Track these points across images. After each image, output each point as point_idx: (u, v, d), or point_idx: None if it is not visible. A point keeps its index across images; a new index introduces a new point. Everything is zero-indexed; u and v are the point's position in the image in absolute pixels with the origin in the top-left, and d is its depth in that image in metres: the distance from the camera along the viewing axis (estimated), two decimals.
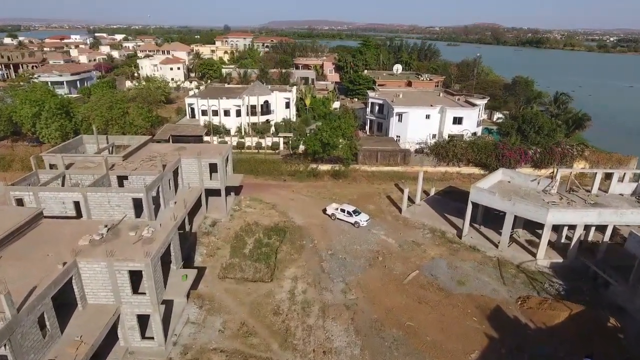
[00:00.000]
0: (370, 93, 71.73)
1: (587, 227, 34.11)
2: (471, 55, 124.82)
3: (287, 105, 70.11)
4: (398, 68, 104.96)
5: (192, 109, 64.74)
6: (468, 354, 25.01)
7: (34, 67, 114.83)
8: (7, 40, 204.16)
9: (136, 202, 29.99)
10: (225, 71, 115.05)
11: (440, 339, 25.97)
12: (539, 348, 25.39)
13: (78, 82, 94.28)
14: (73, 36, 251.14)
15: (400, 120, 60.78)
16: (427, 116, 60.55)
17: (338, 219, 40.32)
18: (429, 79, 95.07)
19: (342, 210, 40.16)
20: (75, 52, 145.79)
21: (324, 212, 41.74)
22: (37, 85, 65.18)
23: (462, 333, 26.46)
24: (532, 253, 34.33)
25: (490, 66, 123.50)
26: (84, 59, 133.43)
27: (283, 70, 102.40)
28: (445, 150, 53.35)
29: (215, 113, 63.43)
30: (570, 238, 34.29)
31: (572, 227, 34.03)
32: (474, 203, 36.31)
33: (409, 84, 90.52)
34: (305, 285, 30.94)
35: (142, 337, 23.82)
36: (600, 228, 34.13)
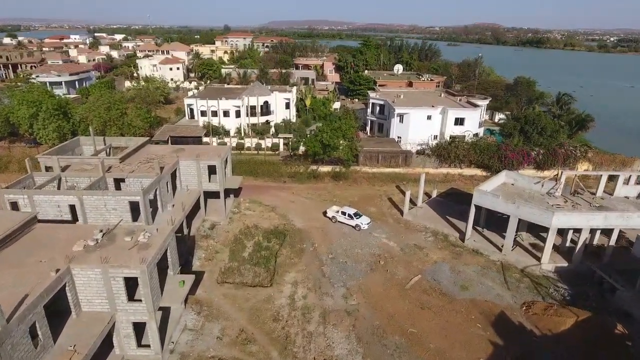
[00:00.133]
0: (370, 93, 71.13)
1: (592, 231, 33.50)
2: (472, 55, 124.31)
3: (287, 106, 69.58)
4: (399, 68, 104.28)
5: (191, 110, 64.17)
6: None
7: (32, 67, 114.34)
8: (6, 40, 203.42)
9: (133, 206, 29.35)
10: (225, 71, 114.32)
11: (444, 346, 25.34)
12: (544, 356, 24.80)
13: (77, 83, 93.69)
14: (73, 36, 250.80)
15: (402, 121, 60.19)
16: (429, 117, 60.01)
17: (339, 221, 39.71)
18: (430, 80, 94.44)
19: (343, 213, 39.54)
20: (74, 52, 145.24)
21: (325, 214, 41.13)
22: (34, 86, 64.55)
23: (466, 340, 25.85)
24: (537, 257, 33.69)
25: (492, 66, 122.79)
26: (83, 59, 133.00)
27: (283, 71, 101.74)
28: (447, 152, 52.70)
29: (215, 114, 62.87)
30: (575, 242, 33.70)
31: (577, 231, 33.48)
32: (476, 206, 35.73)
33: (410, 85, 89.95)
34: (306, 290, 30.31)
35: (138, 345, 23.20)
36: (606, 231, 33.53)
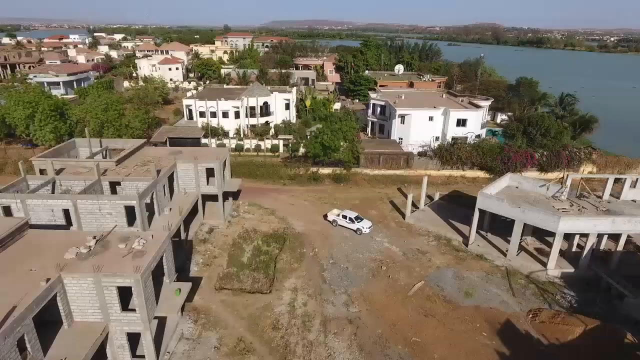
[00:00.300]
0: (371, 94, 70.43)
1: (599, 235, 32.69)
2: (473, 55, 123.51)
3: (287, 107, 68.83)
4: (400, 68, 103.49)
5: (190, 111, 63.40)
6: None
7: (30, 67, 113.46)
8: (5, 40, 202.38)
9: (129, 210, 28.61)
10: (224, 71, 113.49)
11: (448, 356, 24.55)
12: None
13: (75, 83, 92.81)
14: (72, 36, 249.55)
15: (403, 122, 59.46)
16: (430, 118, 59.28)
17: (339, 225, 38.94)
18: (431, 80, 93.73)
19: (344, 217, 38.74)
20: (73, 52, 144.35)
21: (325, 218, 40.34)
22: (30, 86, 63.76)
23: (472, 350, 25.06)
24: (542, 262, 32.91)
25: (493, 66, 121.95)
26: (82, 59, 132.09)
27: (283, 71, 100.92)
28: (449, 153, 51.84)
29: (214, 115, 62.13)
30: (581, 246, 32.93)
31: (583, 235, 32.69)
32: (480, 210, 34.96)
33: (411, 85, 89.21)
34: (306, 297, 29.53)
35: (133, 356, 22.39)
36: (613, 236, 32.73)
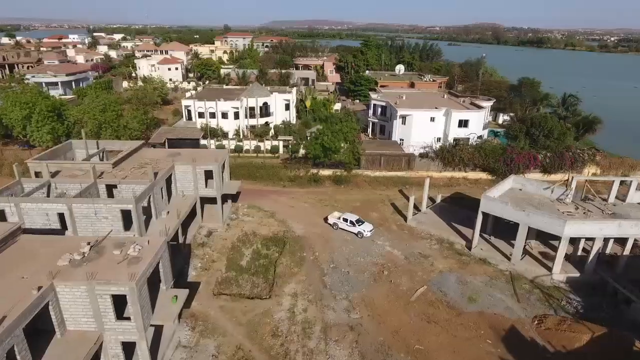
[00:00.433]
0: (372, 94, 69.78)
1: (605, 239, 32.06)
2: (473, 55, 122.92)
3: (287, 107, 68.17)
4: (400, 68, 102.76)
5: (189, 111, 62.78)
6: None
7: (29, 67, 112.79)
8: (4, 40, 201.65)
9: (125, 214, 27.97)
10: (224, 71, 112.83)
11: None
12: None
13: (73, 83, 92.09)
14: (71, 36, 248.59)
15: (404, 123, 58.84)
16: (432, 119, 58.65)
17: (340, 228, 38.33)
18: (432, 80, 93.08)
19: (345, 220, 38.12)
20: (72, 52, 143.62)
21: (326, 220, 39.73)
22: (27, 87, 63.13)
23: (476, 358, 24.44)
24: (547, 266, 32.29)
25: (494, 66, 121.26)
26: (81, 59, 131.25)
27: (283, 71, 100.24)
28: (451, 155, 51.14)
29: (213, 115, 61.49)
30: (587, 250, 32.31)
31: (589, 239, 32.06)
32: (484, 213, 34.33)
33: (412, 85, 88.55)
34: (306, 303, 28.90)
35: None
36: (619, 239, 32.13)
